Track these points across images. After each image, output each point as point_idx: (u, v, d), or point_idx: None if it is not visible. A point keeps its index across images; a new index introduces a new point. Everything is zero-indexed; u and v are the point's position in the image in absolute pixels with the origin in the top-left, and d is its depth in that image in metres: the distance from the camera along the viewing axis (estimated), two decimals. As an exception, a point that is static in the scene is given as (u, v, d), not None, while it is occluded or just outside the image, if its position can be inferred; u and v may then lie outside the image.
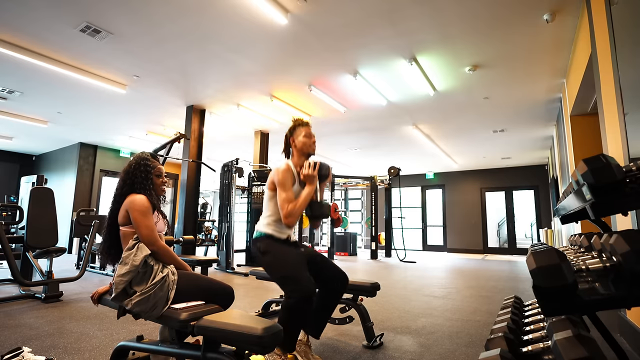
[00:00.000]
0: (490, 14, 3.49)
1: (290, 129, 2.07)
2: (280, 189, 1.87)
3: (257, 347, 1.25)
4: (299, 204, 1.85)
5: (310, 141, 2.02)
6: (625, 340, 2.33)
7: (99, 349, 2.13)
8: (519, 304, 1.48)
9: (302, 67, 4.75)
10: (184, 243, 5.40)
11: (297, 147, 2.01)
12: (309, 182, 1.91)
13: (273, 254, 1.86)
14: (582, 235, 1.33)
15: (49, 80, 5.19)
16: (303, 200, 1.87)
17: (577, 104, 4.13)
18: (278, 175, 1.88)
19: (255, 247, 1.94)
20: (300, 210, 1.85)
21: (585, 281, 0.79)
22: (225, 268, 5.85)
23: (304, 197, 1.87)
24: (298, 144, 2.01)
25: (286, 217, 1.83)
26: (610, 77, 2.34)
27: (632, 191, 0.81)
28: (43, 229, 3.69)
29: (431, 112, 6.36)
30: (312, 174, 1.90)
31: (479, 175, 11.76)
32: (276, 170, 1.91)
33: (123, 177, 1.80)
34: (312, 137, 2.04)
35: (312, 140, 2.03)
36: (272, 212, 1.94)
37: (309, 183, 1.91)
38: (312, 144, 2.03)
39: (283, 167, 1.91)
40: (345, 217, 10.91)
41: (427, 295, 4.05)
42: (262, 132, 7.66)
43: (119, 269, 1.58)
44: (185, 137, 5.95)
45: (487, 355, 0.85)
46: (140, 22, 3.73)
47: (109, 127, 7.69)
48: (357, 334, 2.52)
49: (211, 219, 7.98)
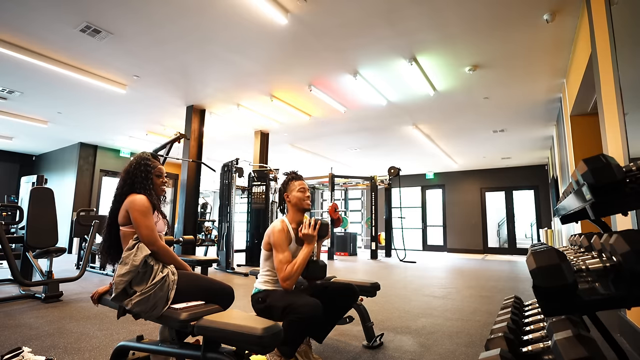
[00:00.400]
0: (490, 13, 3.49)
1: (284, 184, 2.04)
2: (276, 250, 1.83)
3: (257, 347, 1.25)
4: (296, 266, 1.79)
5: (304, 196, 1.98)
6: (625, 340, 2.33)
7: (99, 349, 2.13)
8: (519, 304, 1.48)
9: (302, 67, 4.75)
10: (184, 243, 5.40)
11: (292, 202, 1.98)
12: (308, 242, 1.86)
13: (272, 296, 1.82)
14: (582, 235, 1.33)
15: (49, 80, 5.19)
16: (301, 261, 1.81)
17: (577, 104, 4.13)
18: (273, 236, 1.85)
19: (254, 300, 1.90)
20: (298, 272, 1.80)
21: (585, 281, 0.79)
22: (225, 268, 5.85)
23: (302, 259, 1.82)
24: (292, 199, 1.98)
25: (284, 280, 1.78)
26: (610, 77, 2.34)
27: (632, 191, 0.81)
28: (43, 229, 3.69)
29: (431, 112, 6.36)
30: (311, 233, 1.86)
31: (479, 175, 11.76)
32: (272, 230, 1.87)
33: (123, 177, 1.80)
34: (307, 192, 2.01)
35: (306, 195, 2.00)
36: (269, 270, 1.91)
37: (307, 242, 1.86)
38: (306, 198, 1.99)
39: (278, 227, 1.87)
40: (345, 217, 10.90)
41: (427, 295, 4.05)
42: (262, 132, 7.66)
43: (119, 269, 1.58)
44: (185, 137, 5.95)
45: (487, 355, 0.85)
46: (140, 22, 3.73)
47: (109, 127, 7.69)
48: (357, 334, 2.52)
49: (211, 219, 7.98)
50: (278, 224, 1.90)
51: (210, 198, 15.93)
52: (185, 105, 6.28)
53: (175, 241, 5.11)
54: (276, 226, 1.89)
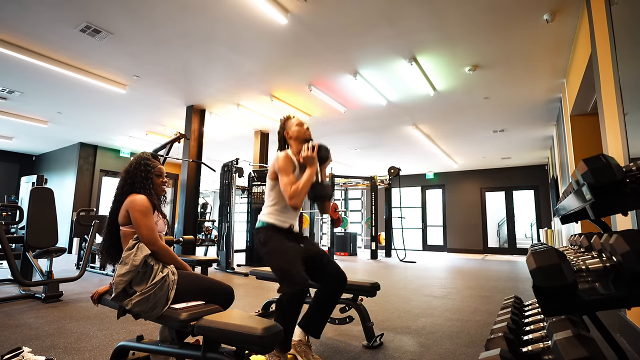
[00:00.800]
0: (490, 14, 3.49)
1: (281, 126, 2.12)
2: (281, 174, 1.88)
3: (257, 347, 1.25)
4: (301, 184, 1.85)
5: (303, 129, 2.05)
6: (625, 340, 2.34)
7: (99, 349, 2.13)
8: (519, 304, 1.48)
9: (302, 67, 4.75)
10: (184, 243, 5.40)
11: (293, 136, 2.04)
12: (309, 164, 1.92)
13: (272, 246, 1.87)
14: (582, 235, 1.33)
15: (49, 80, 5.19)
16: (305, 180, 1.87)
17: (577, 104, 4.13)
18: (278, 162, 1.90)
19: (257, 237, 1.95)
20: (304, 190, 1.86)
21: (585, 281, 0.79)
22: (225, 268, 5.85)
23: (306, 178, 1.88)
24: (293, 134, 2.04)
25: (291, 197, 1.83)
26: (610, 77, 2.34)
27: (632, 191, 0.81)
28: (43, 229, 3.69)
29: (431, 112, 6.36)
30: (311, 155, 1.92)
31: (479, 175, 11.76)
32: (276, 158, 1.93)
33: (124, 177, 1.80)
34: (304, 124, 2.09)
35: (305, 127, 2.07)
36: (275, 200, 1.95)
37: (309, 165, 1.92)
38: (306, 130, 2.06)
39: (283, 155, 1.94)
40: (345, 217, 10.90)
41: (427, 295, 4.05)
42: (262, 132, 7.66)
43: (119, 269, 1.58)
44: (185, 137, 5.95)
45: (487, 355, 0.85)
46: (141, 22, 3.73)
47: (109, 127, 7.69)
48: (357, 334, 2.52)
49: (211, 219, 7.98)
50: (282, 153, 1.95)
51: (210, 198, 15.93)
52: (185, 105, 6.29)
53: (175, 241, 5.11)
54: (280, 154, 1.94)
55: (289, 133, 2.06)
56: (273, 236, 1.90)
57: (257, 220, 2.00)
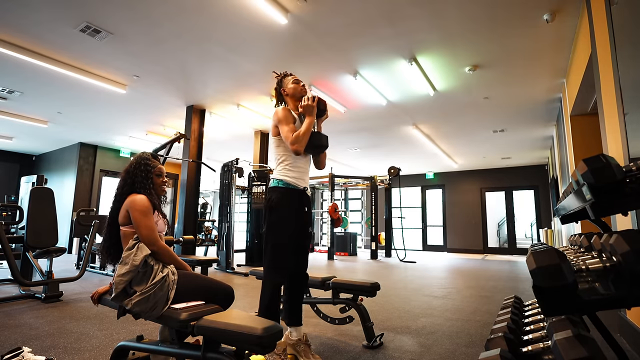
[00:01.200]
0: (490, 14, 3.49)
1: (278, 82, 2.18)
2: (282, 124, 1.95)
3: (257, 347, 1.25)
4: (302, 131, 1.93)
5: (299, 86, 2.12)
6: (625, 340, 2.34)
7: (99, 349, 2.13)
8: (519, 304, 1.48)
9: (302, 67, 4.75)
10: (184, 243, 5.40)
11: (290, 93, 2.11)
12: (308, 113, 1.99)
13: (278, 217, 1.91)
14: (582, 235, 1.33)
15: (49, 80, 5.19)
16: (305, 128, 1.94)
17: (577, 104, 4.13)
18: (278, 114, 1.98)
19: (268, 196, 1.98)
20: (305, 136, 1.92)
21: (585, 281, 0.79)
22: (225, 268, 5.85)
23: (306, 125, 1.95)
24: (289, 91, 2.11)
25: (293, 143, 1.90)
26: (610, 77, 2.34)
27: (632, 191, 0.81)
28: (43, 229, 3.69)
29: (431, 112, 6.36)
30: (311, 104, 1.99)
31: (479, 175, 11.76)
32: (275, 112, 2.01)
33: (124, 177, 1.80)
34: (300, 82, 2.15)
35: (301, 85, 2.13)
36: (283, 156, 2.00)
37: (308, 114, 1.99)
38: (302, 87, 2.13)
39: (281, 108, 2.02)
40: (345, 217, 10.90)
41: (427, 295, 4.05)
42: (262, 132, 7.66)
43: (119, 268, 1.58)
44: (185, 137, 5.95)
45: (487, 355, 0.85)
46: (141, 22, 3.73)
47: (109, 127, 7.69)
48: (357, 334, 2.52)
49: (211, 219, 7.98)
50: (280, 107, 2.05)
51: (210, 198, 15.93)
52: (185, 105, 6.29)
53: (175, 241, 5.11)
54: (279, 108, 2.03)
55: (286, 90, 2.13)
56: (283, 204, 1.92)
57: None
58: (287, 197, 1.94)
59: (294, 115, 2.04)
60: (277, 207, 1.92)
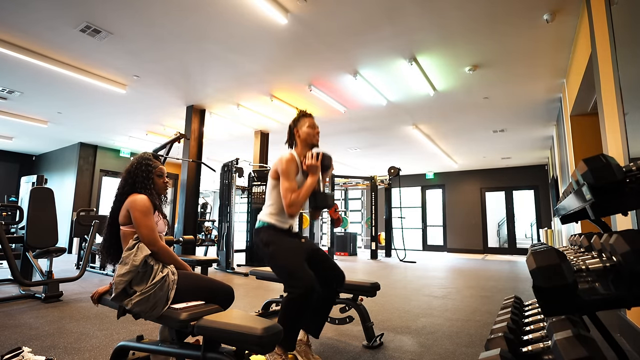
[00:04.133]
0: (490, 13, 3.49)
1: (294, 120, 2.08)
2: (283, 178, 1.87)
3: (257, 347, 1.25)
4: (302, 193, 1.85)
5: (314, 132, 2.04)
6: (625, 340, 2.34)
7: (99, 349, 2.13)
8: (519, 304, 1.48)
9: (302, 67, 4.75)
10: (184, 243, 5.40)
11: (301, 137, 2.02)
12: (312, 173, 1.91)
13: (276, 245, 1.85)
14: (582, 235, 1.33)
15: (49, 80, 5.19)
16: (306, 189, 1.87)
17: (577, 104, 4.13)
18: (282, 164, 1.88)
19: (257, 237, 1.93)
20: (303, 199, 1.85)
21: (585, 281, 0.79)
22: (225, 268, 5.85)
23: (307, 187, 1.88)
24: (302, 135, 2.02)
25: (289, 206, 1.83)
26: (610, 77, 2.34)
27: (632, 191, 0.81)
28: (43, 229, 3.69)
29: (431, 112, 6.36)
30: (315, 164, 1.91)
31: (479, 175, 11.76)
32: (280, 159, 1.91)
33: (125, 177, 1.80)
34: (316, 128, 2.06)
35: (315, 131, 2.05)
36: (275, 202, 1.93)
37: (311, 173, 1.91)
38: (315, 134, 2.05)
39: (287, 156, 1.91)
40: (345, 217, 10.91)
41: (427, 295, 4.05)
42: (262, 132, 7.66)
43: (119, 269, 1.58)
44: (185, 137, 5.95)
45: (487, 355, 0.85)
46: (140, 21, 3.73)
47: (109, 127, 7.69)
48: (357, 334, 2.52)
49: (211, 219, 7.98)
50: (287, 154, 1.93)
51: (210, 198, 15.93)
52: (185, 105, 6.28)
53: (175, 241, 5.11)
54: (285, 155, 1.92)
55: (299, 132, 2.03)
56: (275, 235, 1.89)
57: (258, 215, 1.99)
58: (277, 230, 1.90)
59: (298, 166, 1.95)
60: (270, 241, 1.87)
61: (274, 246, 1.86)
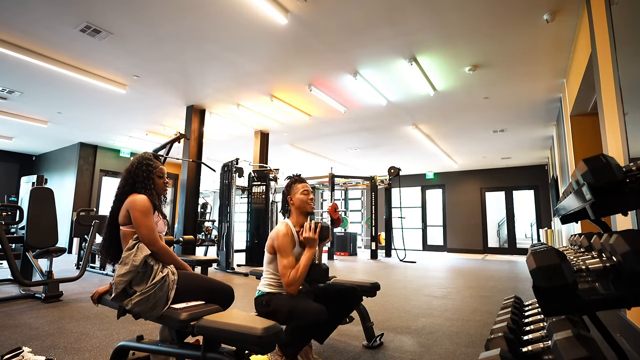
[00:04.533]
0: (490, 13, 3.49)
1: (287, 187, 2.05)
2: (280, 255, 1.82)
3: (257, 347, 1.25)
4: (300, 271, 1.79)
5: (307, 198, 2.00)
6: (625, 340, 2.34)
7: (99, 349, 2.13)
8: (519, 304, 1.48)
9: (302, 67, 4.74)
10: (184, 243, 5.40)
11: (295, 205, 1.99)
12: (310, 246, 1.86)
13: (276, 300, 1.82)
14: (582, 235, 1.33)
15: (49, 80, 5.19)
16: (304, 266, 1.81)
17: (577, 104, 4.13)
18: (278, 240, 1.84)
19: (258, 303, 1.89)
20: (302, 277, 1.80)
21: (585, 281, 0.79)
22: (225, 268, 5.85)
23: (305, 263, 1.82)
24: (296, 202, 1.99)
25: (288, 285, 1.78)
26: (610, 77, 2.34)
27: (632, 191, 0.81)
28: (43, 229, 3.69)
29: (431, 112, 6.36)
30: (313, 236, 1.86)
31: (479, 175, 11.76)
32: (276, 234, 1.87)
33: (125, 177, 1.80)
34: (310, 194, 2.02)
35: (309, 198, 2.01)
36: (273, 275, 1.91)
37: (309, 246, 1.86)
38: (309, 201, 2.00)
39: (283, 230, 1.87)
40: (345, 217, 10.90)
41: (427, 295, 4.05)
42: (262, 132, 7.66)
43: (119, 269, 1.58)
44: (185, 137, 5.95)
45: (487, 355, 0.85)
46: (140, 21, 3.73)
47: (109, 127, 7.69)
48: (357, 334, 2.52)
49: (211, 219, 7.98)
50: (282, 227, 1.89)
51: (210, 198, 15.93)
52: (185, 105, 6.28)
53: (175, 241, 5.11)
54: (280, 230, 1.88)
55: (292, 199, 2.00)
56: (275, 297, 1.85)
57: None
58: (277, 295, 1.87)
59: (295, 238, 1.91)
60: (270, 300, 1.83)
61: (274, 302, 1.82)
